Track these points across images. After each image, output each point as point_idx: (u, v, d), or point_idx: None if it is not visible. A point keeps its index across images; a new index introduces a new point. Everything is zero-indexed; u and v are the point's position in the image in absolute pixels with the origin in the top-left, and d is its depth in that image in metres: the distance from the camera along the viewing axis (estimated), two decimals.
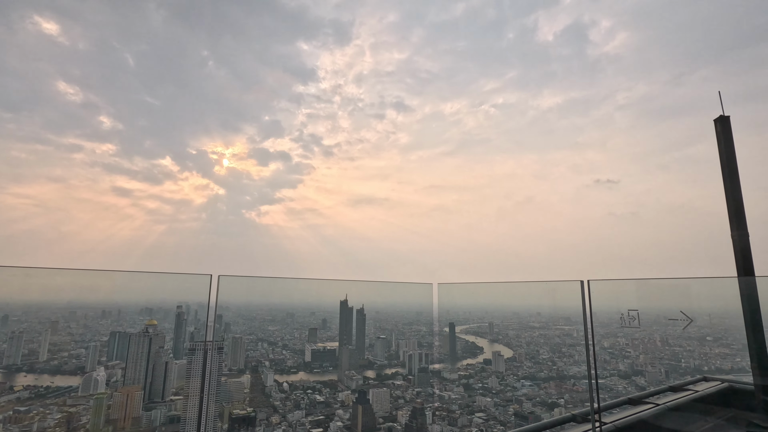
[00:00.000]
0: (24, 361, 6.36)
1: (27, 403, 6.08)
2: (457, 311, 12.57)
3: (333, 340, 10.11)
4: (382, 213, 51.35)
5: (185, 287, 7.45)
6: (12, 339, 6.24)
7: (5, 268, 5.78)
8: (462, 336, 12.51)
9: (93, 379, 6.70)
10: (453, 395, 11.05)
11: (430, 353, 11.22)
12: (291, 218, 48.18)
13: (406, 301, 11.43)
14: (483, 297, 11.56)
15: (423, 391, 10.58)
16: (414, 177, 51.65)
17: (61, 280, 6.04)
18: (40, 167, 38.18)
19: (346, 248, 46.62)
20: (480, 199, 51.25)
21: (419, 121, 47.86)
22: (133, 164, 41.61)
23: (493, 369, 11.81)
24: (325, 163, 48.67)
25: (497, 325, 12.69)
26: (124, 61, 37.03)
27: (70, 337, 6.94)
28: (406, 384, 10.49)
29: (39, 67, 35.23)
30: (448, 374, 11.57)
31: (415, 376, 10.66)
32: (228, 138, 47.57)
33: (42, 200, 36.43)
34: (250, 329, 9.17)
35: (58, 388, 6.55)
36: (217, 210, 45.82)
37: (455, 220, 50.60)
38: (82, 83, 37.09)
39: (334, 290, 9.69)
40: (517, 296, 11.00)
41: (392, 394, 9.99)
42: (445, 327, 11.73)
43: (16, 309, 6.54)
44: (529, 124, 44.93)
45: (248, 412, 7.84)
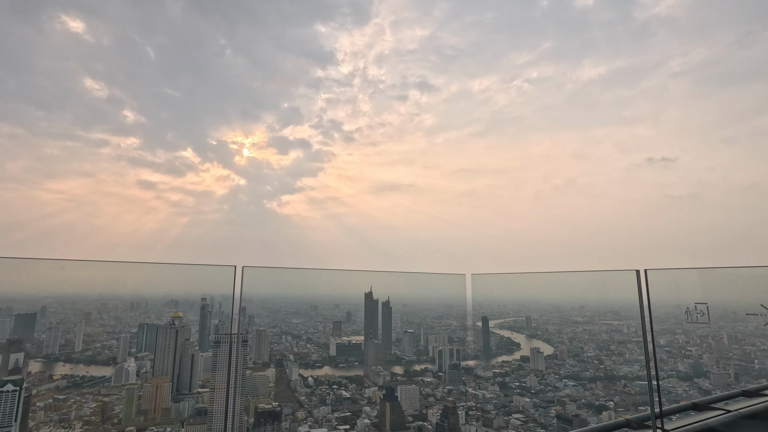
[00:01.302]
0: (61, 351, 6.99)
1: (65, 391, 6.70)
2: (491, 304, 12.49)
3: (358, 334, 10.22)
4: (407, 200, 51.11)
5: (209, 279, 7.89)
6: (50, 330, 6.88)
7: (43, 261, 6.36)
8: (497, 331, 12.35)
9: (124, 370, 7.25)
10: (488, 394, 10.97)
11: (462, 349, 11.15)
12: (312, 207, 49.18)
13: (436, 294, 11.40)
14: (519, 289, 11.38)
15: (455, 389, 10.55)
16: (441, 161, 50.78)
17: (93, 272, 6.56)
18: (71, 163, 41.44)
19: (369, 238, 47.01)
20: (514, 183, 49.65)
21: (445, 101, 46.82)
22: (156, 157, 44.11)
23: (531, 367, 11.60)
24: (346, 149, 48.96)
25: (535, 320, 12.42)
26: (145, 55, 39.02)
27: (102, 329, 7.53)
28: (436, 381, 10.48)
29: (67, 65, 37.96)
30: (482, 371, 11.50)
31: (446, 373, 10.63)
32: (247, 127, 49.04)
33: (73, 195, 39.66)
34: (273, 322, 9.50)
35: (92, 377, 7.15)
36: (238, 201, 47.69)
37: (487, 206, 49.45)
38: (106, 79, 39.60)
39: (358, 282, 9.95)
40: (557, 288, 10.78)
41: (422, 392, 10.01)
42: (478, 321, 11.69)
43: (53, 301, 7.18)
44: (568, 99, 42.71)
45: (274, 406, 8.13)
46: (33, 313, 6.85)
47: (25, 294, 6.87)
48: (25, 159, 39.65)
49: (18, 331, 6.60)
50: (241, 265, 7.18)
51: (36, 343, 6.85)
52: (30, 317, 6.80)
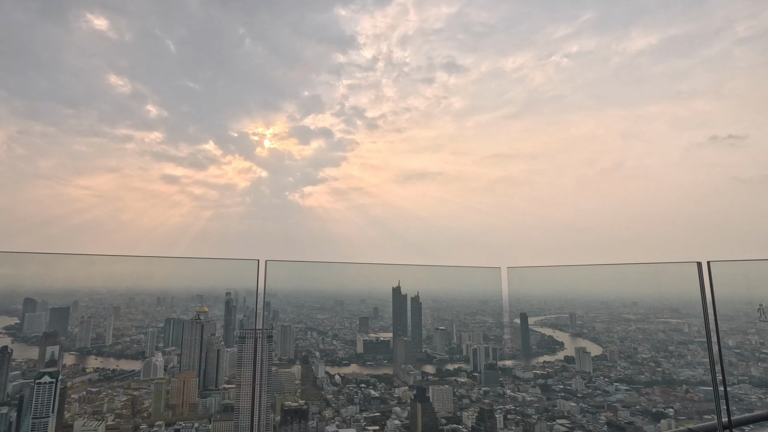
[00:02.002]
0: (93, 345, 7.45)
1: (97, 384, 7.14)
2: (530, 300, 12.05)
3: (386, 331, 10.16)
4: (435, 189, 50.05)
5: (233, 273, 8.03)
6: (82, 324, 7.35)
7: (74, 257, 6.75)
8: (537, 329, 11.92)
9: (152, 365, 7.61)
10: (528, 397, 10.61)
11: (498, 348, 10.89)
12: (335, 199, 49.48)
13: (469, 288, 11.14)
14: (562, 283, 10.86)
15: (491, 390, 10.31)
16: (472, 146, 49.16)
17: (120, 267, 6.88)
18: (98, 159, 44.39)
19: (396, 229, 46.59)
20: (554, 168, 47.12)
21: (475, 82, 45.22)
22: (179, 151, 46.25)
23: (577, 368, 11.09)
24: (370, 137, 48.63)
25: (581, 317, 11.88)
26: (166, 48, 40.82)
27: (130, 323, 7.95)
28: (471, 382, 10.28)
29: (92, 62, 40.58)
30: (521, 372, 11.14)
31: (482, 373, 10.40)
32: (268, 117, 50.10)
33: (101, 191, 42.55)
34: (298, 317, 9.59)
35: (122, 371, 7.57)
36: (260, 193, 48.94)
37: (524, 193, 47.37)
38: (129, 74, 41.93)
39: (385, 276, 9.79)
40: (605, 282, 10.16)
41: (455, 393, 9.84)
42: (516, 318, 11.31)
43: (84, 295, 7.66)
44: (614, 73, 39.85)
45: (300, 404, 8.23)
46: (66, 307, 7.32)
47: (59, 288, 7.35)
48: (56, 156, 42.78)
49: (53, 324, 7.08)
50: (264, 259, 7.27)
51: (70, 336, 7.32)
52: (63, 311, 7.28)
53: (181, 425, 7.10)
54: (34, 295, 7.15)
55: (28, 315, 7.02)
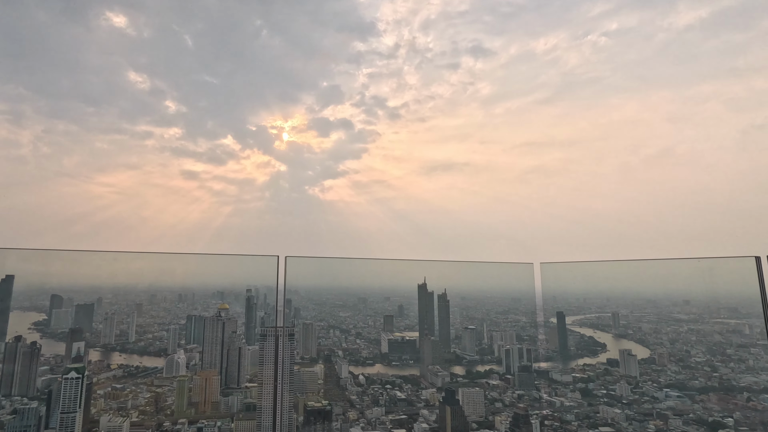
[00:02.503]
0: (117, 341, 7.71)
1: (121, 381, 7.37)
2: (567, 297, 11.55)
3: (412, 330, 9.98)
4: (463, 180, 48.82)
5: (253, 269, 8.09)
6: (106, 320, 7.61)
7: (98, 253, 6.97)
8: (575, 329, 11.39)
9: (174, 362, 7.78)
10: (567, 402, 10.10)
11: (533, 349, 10.52)
12: (357, 192, 49.33)
13: (500, 285, 10.90)
14: (602, 280, 10.53)
15: (526, 394, 9.99)
16: (501, 134, 47.52)
17: (142, 264, 7.05)
18: (119, 156, 46.40)
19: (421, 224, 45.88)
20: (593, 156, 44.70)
21: (503, 66, 43.71)
22: (198, 146, 47.73)
23: (621, 372, 10.47)
24: (392, 127, 48.06)
25: (625, 317, 11.21)
26: (184, 43, 42.11)
27: (153, 320, 8.17)
28: (503, 384, 10.00)
29: (112, 60, 42.48)
30: (558, 375, 10.64)
31: (515, 375, 10.10)
32: (286, 110, 50.73)
33: (122, 188, 44.50)
34: (320, 315, 9.55)
35: (145, 368, 7.78)
36: (279, 188, 49.64)
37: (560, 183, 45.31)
38: (148, 70, 43.57)
39: (410, 272, 9.67)
40: (652, 279, 9.79)
41: (487, 396, 9.58)
42: (552, 317, 10.90)
43: (108, 292, 7.93)
44: (659, 51, 37.29)
45: (324, 404, 8.11)
46: (91, 303, 7.59)
47: (84, 285, 7.63)
48: (79, 154, 45.02)
49: (78, 320, 7.36)
50: (284, 255, 7.23)
51: (94, 332, 7.59)
52: (88, 308, 7.54)
53: (203, 423, 7.18)
54: (61, 291, 7.45)
55: (55, 311, 7.32)
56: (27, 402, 6.48)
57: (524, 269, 9.59)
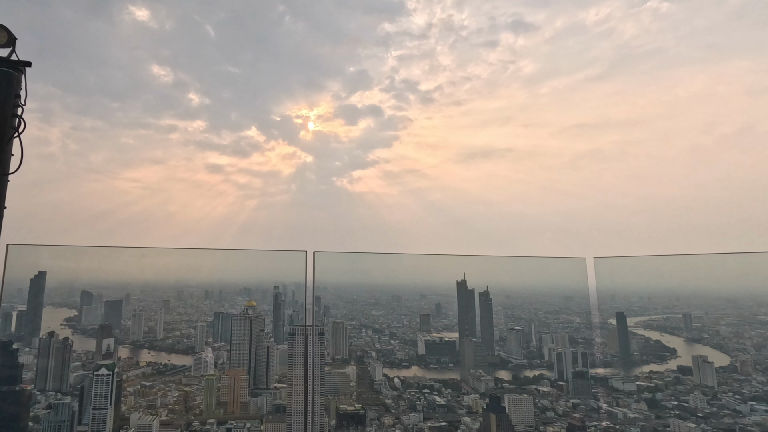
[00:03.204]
0: (145, 338, 7.91)
1: (150, 378, 7.54)
2: (627, 296, 10.90)
3: (451, 330, 9.65)
4: (504, 168, 46.51)
5: (281, 265, 7.99)
6: (134, 317, 7.82)
7: (126, 249, 7.12)
8: (639, 331, 10.64)
9: (202, 360, 7.89)
10: (631, 413, 9.41)
11: (589, 353, 9.92)
12: (388, 183, 48.45)
13: (549, 282, 10.50)
14: (670, 276, 9.85)
15: (582, 403, 9.40)
16: (547, 116, 44.72)
17: (169, 260, 7.12)
18: (144, 151, 48.78)
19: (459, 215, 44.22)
20: (656, 137, 40.82)
21: (548, 41, 41.08)
22: (222, 138, 49.00)
23: (695, 381, 9.73)
24: (424, 112, 46.65)
25: (698, 318, 10.43)
26: (206, 34, 43.34)
27: (180, 317, 8.34)
28: (556, 392, 9.47)
29: (136, 54, 44.58)
30: (620, 383, 9.93)
31: (569, 382, 9.54)
32: (312, 98, 50.84)
33: (148, 183, 46.56)
34: (351, 313, 9.36)
35: (174, 366, 7.95)
36: (306, 180, 49.83)
37: (617, 169, 41.90)
38: (171, 63, 45.27)
39: (448, 268, 9.31)
40: (730, 275, 9.16)
41: (537, 404, 9.12)
42: (610, 317, 10.25)
43: (135, 288, 8.15)
44: (733, 16, 33.42)
45: (357, 408, 7.96)
46: (119, 300, 7.83)
47: (112, 281, 7.88)
48: (106, 150, 47.58)
49: (108, 317, 7.60)
50: (312, 250, 7.02)
51: (123, 329, 7.81)
52: (117, 304, 7.78)
53: (232, 425, 7.18)
54: (90, 287, 7.74)
55: (85, 308, 7.60)
56: (61, 397, 6.77)
57: (575, 264, 9.06)
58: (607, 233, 30.63)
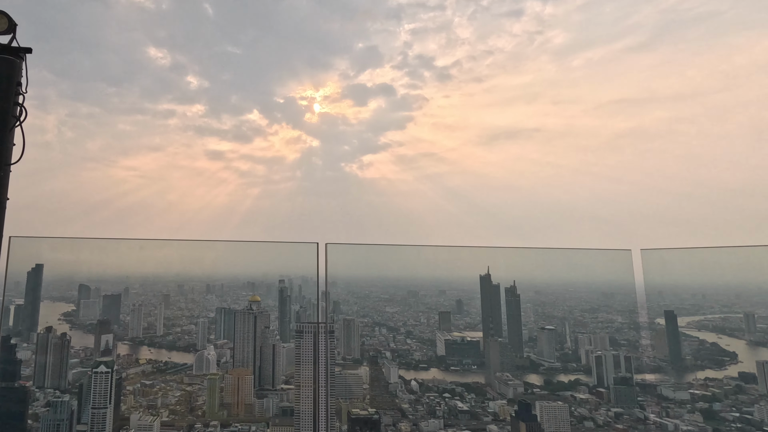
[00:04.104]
0: (145, 335, 7.94)
1: (150, 377, 7.57)
2: (677, 292, 10.27)
3: (474, 329, 9.34)
4: (532, 150, 43.87)
5: (286, 258, 7.80)
6: (134, 312, 7.86)
7: (124, 241, 7.10)
8: (691, 332, 10.17)
9: (204, 358, 7.86)
10: (683, 425, 8.90)
11: (634, 356, 9.46)
12: (402, 168, 46.85)
13: (587, 277, 9.98)
14: (729, 271, 9.32)
15: (626, 413, 8.96)
16: (581, 92, 41.87)
17: (169, 252, 7.04)
18: (142, 137, 49.19)
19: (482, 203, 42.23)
20: (710, 113, 37.27)
21: (581, 8, 38.49)
22: (222, 123, 48.68)
23: (760, 390, 9.14)
24: (441, 90, 44.71)
25: (764, 318, 9.88)
26: (204, 12, 43.05)
27: (180, 312, 8.34)
28: (595, 399, 9.05)
29: (132, 36, 44.99)
30: (670, 391, 9.43)
31: (611, 389, 9.12)
32: (317, 78, 49.95)
33: (146, 171, 46.73)
34: (363, 310, 9.18)
35: (175, 364, 7.97)
36: (312, 166, 48.82)
37: (663, 149, 38.64)
38: (168, 45, 45.35)
39: (470, 261, 8.96)
40: None
41: (573, 412, 8.76)
42: (658, 317, 9.78)
43: (134, 281, 8.20)
44: None
45: (370, 412, 7.74)
46: (118, 294, 7.88)
47: (111, 274, 7.94)
48: (102, 137, 48.11)
49: (106, 312, 7.67)
50: (321, 241, 6.73)
51: (122, 325, 7.87)
52: (115, 298, 7.84)
53: (237, 427, 7.10)
54: (88, 281, 7.82)
55: (83, 302, 7.69)
56: (59, 395, 6.85)
57: (618, 257, 8.54)
58: (653, 222, 28.55)
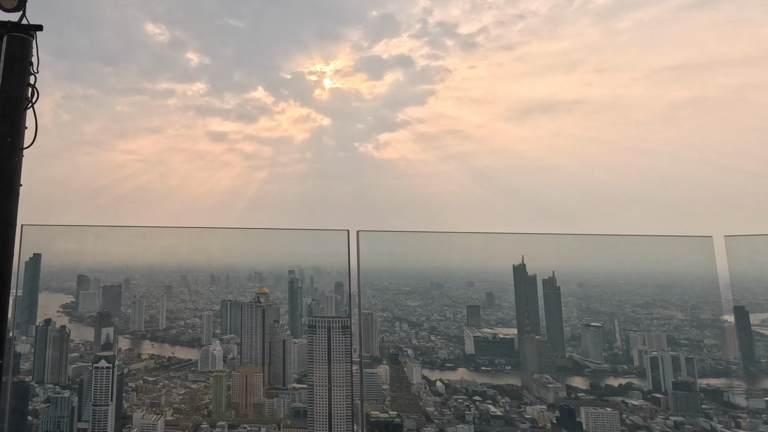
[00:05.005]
0: (147, 328, 7.92)
1: (153, 373, 7.55)
2: (748, 286, 9.34)
3: (507, 325, 8.92)
4: (572, 125, 40.82)
5: (297, 246, 7.57)
6: (135, 304, 7.85)
7: (125, 228, 6.98)
8: (766, 331, 9.42)
9: (210, 354, 7.80)
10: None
11: (698, 358, 9.00)
12: (423, 147, 44.86)
13: (639, 266, 9.36)
14: None
15: (688, 422, 8.47)
16: (629, 57, 38.46)
17: (171, 240, 6.88)
18: (140, 119, 49.52)
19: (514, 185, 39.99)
20: None
21: None
22: (225, 102, 48.09)
23: None
24: (466, 60, 42.27)
25: None
26: None
27: (183, 304, 8.27)
28: (651, 406, 8.62)
29: (128, 12, 45.30)
30: (742, 399, 8.90)
31: (670, 395, 8.64)
32: (327, 50, 48.71)
33: (145, 154, 46.90)
34: (381, 303, 8.91)
35: (179, 360, 7.97)
36: (323, 146, 47.52)
37: (730, 121, 34.98)
38: (167, 20, 45.23)
39: (501, 249, 8.53)
40: None
41: (625, 420, 8.36)
42: (725, 314, 9.29)
43: (135, 272, 8.17)
44: None
45: (391, 416, 7.51)
46: (118, 285, 7.86)
47: (110, 264, 7.95)
48: (99, 119, 48.65)
49: (106, 304, 7.68)
50: (356, 229, 6.39)
51: (123, 317, 7.86)
52: (115, 289, 7.84)
53: (245, 428, 6.97)
54: (87, 271, 7.86)
55: (82, 293, 7.72)
56: (59, 391, 6.93)
57: (682, 245, 8.08)
58: (720, 205, 26.00)
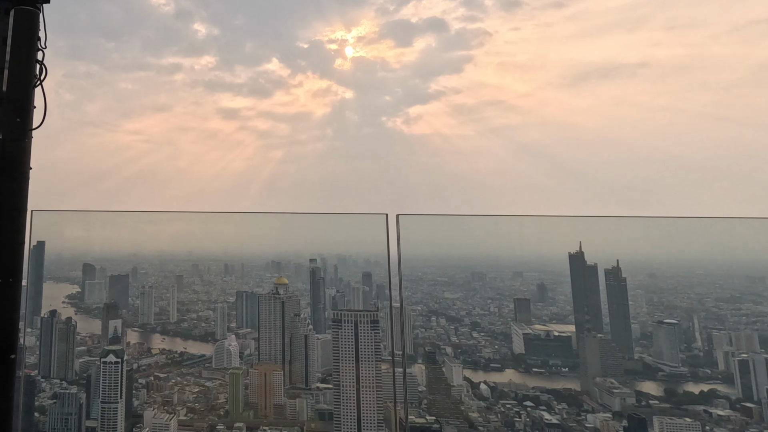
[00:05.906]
0: (157, 321, 7.79)
1: (164, 369, 7.47)
2: None
3: (562, 321, 8.46)
4: (637, 91, 36.73)
5: (317, 233, 7.27)
6: (143, 295, 7.75)
7: (132, 214, 6.75)
8: None
9: (225, 350, 7.64)
10: None
11: None
12: (460, 121, 41.69)
13: (724, 253, 8.70)
14: None
15: None
16: (707, 11, 34.23)
17: (182, 226, 6.63)
18: (145, 96, 48.17)
19: (568, 161, 36.66)
20: None
21: None
22: (236, 76, 46.32)
23: None
24: (509, 21, 38.96)
25: None
26: None
27: (196, 296, 8.10)
28: (740, 418, 8.04)
29: None
30: None
31: (765, 404, 8.00)
32: (348, 16, 46.46)
33: (151, 135, 45.51)
34: (415, 296, 8.51)
35: (191, 355, 7.86)
36: (345, 121, 45.04)
37: None
38: None
39: (555, 235, 8.21)
40: None
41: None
42: None
43: (143, 260, 8.03)
44: None
45: (428, 421, 7.09)
46: (125, 274, 7.75)
47: (117, 252, 7.87)
48: (102, 98, 47.66)
49: (113, 294, 7.62)
50: (395, 213, 5.88)
51: (131, 309, 7.74)
52: (123, 279, 7.76)
53: (265, 431, 6.74)
54: (93, 259, 7.82)
55: (88, 283, 7.66)
56: (67, 386, 6.96)
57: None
58: None
